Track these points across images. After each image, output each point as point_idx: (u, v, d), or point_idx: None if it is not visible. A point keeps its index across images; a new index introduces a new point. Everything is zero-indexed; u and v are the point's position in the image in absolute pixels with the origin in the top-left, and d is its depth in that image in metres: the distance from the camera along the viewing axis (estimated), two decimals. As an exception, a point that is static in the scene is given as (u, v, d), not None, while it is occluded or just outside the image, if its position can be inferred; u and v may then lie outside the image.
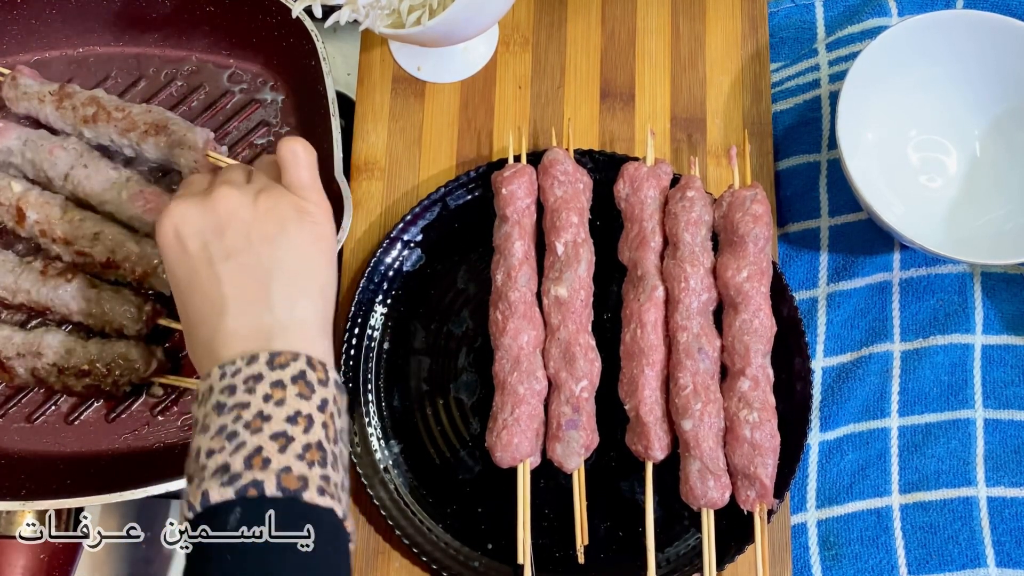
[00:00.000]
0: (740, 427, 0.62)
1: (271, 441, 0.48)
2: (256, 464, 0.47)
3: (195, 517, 0.47)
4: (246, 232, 0.54)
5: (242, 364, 0.50)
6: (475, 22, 0.66)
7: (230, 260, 0.53)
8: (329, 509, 0.48)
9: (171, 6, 0.76)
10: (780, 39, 0.78)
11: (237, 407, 0.49)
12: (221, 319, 0.52)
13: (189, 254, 0.54)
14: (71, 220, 0.69)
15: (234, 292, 0.53)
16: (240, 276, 0.53)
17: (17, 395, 0.71)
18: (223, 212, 0.54)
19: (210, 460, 0.48)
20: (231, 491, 0.46)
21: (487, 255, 0.68)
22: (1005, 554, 0.65)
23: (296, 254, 0.54)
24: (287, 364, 0.50)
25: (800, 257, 0.72)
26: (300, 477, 0.47)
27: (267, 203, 0.55)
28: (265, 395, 0.49)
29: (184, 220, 0.55)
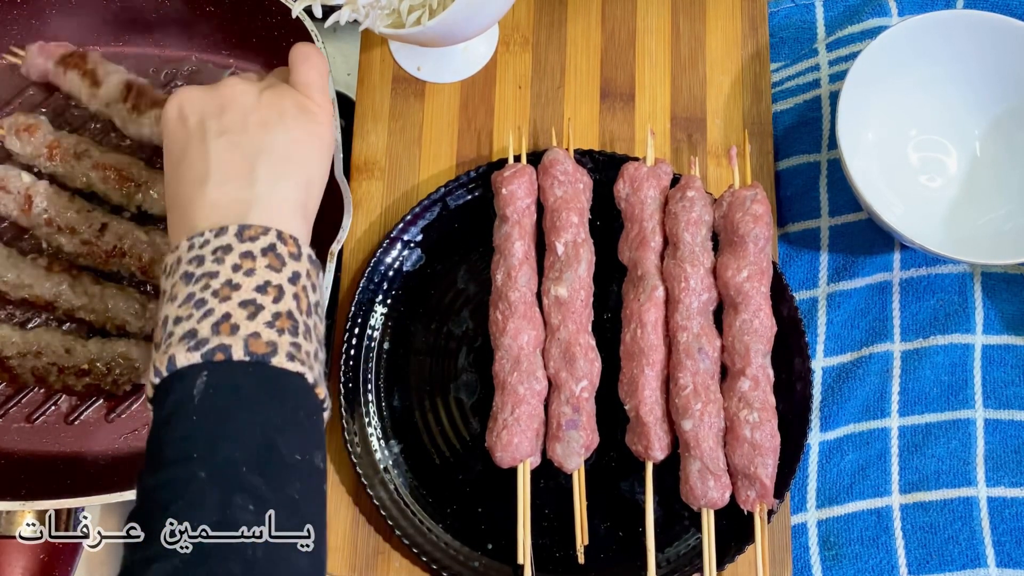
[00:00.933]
0: (740, 427, 0.62)
1: (240, 308, 0.48)
2: (224, 330, 0.47)
3: (161, 382, 0.47)
4: (244, 115, 0.55)
5: (211, 235, 0.50)
6: (475, 22, 0.66)
7: (222, 136, 0.54)
8: (299, 374, 0.48)
9: (171, 6, 0.76)
10: (780, 39, 0.78)
11: (205, 276, 0.49)
12: (201, 189, 0.53)
13: (187, 129, 0.55)
14: (79, 210, 0.70)
15: (219, 165, 0.53)
16: (228, 151, 0.53)
17: (17, 395, 0.71)
18: (227, 95, 0.56)
19: (177, 327, 0.48)
20: (198, 355, 0.47)
21: (487, 255, 0.68)
22: (1005, 554, 0.65)
23: (288, 142, 0.55)
24: (257, 237, 0.50)
25: (800, 257, 0.72)
26: (269, 343, 0.47)
27: (271, 96, 0.56)
28: (234, 265, 0.49)
29: (189, 99, 0.56)
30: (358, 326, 0.69)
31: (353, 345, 0.69)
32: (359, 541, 0.68)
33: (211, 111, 0.55)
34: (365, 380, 0.69)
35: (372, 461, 0.67)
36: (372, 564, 0.67)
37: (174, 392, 0.47)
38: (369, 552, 0.67)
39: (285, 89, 0.57)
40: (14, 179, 0.71)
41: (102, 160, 0.71)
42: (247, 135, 0.54)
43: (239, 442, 0.45)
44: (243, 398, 0.47)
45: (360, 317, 0.69)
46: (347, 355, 0.68)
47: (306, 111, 0.57)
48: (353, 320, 0.69)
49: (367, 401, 0.68)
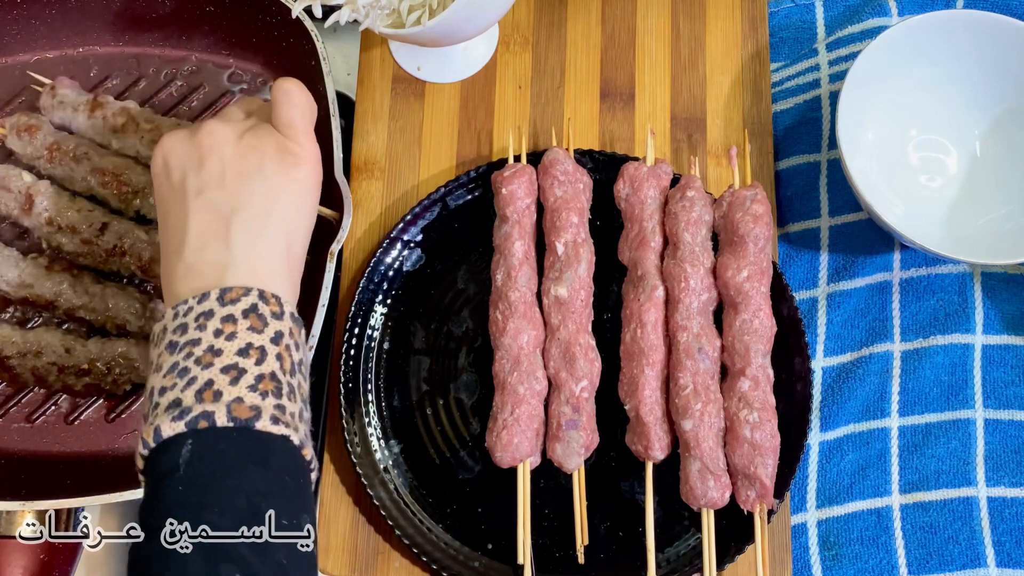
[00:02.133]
0: (740, 427, 0.62)
1: (222, 374, 0.48)
2: (207, 397, 0.47)
3: (149, 453, 0.47)
4: (222, 167, 0.54)
5: (193, 302, 0.50)
6: (475, 22, 0.66)
7: (201, 195, 0.53)
8: (284, 436, 0.48)
9: (171, 6, 0.76)
10: (780, 39, 0.78)
11: (188, 344, 0.49)
12: (180, 255, 0.52)
13: (170, 185, 0.55)
14: (80, 209, 0.70)
15: (197, 228, 0.53)
16: (205, 212, 0.53)
17: (17, 395, 0.71)
18: (206, 146, 0.55)
19: (162, 398, 0.48)
20: (182, 424, 0.46)
21: (487, 255, 0.68)
22: (1005, 554, 0.65)
23: (267, 193, 0.54)
24: (238, 299, 0.50)
25: (800, 257, 0.72)
26: (252, 407, 0.47)
27: (251, 141, 0.55)
28: (216, 330, 0.49)
29: (172, 150, 0.56)
30: (358, 326, 0.69)
31: (353, 345, 0.69)
32: (359, 541, 0.68)
33: (191, 164, 0.54)
34: (365, 380, 0.69)
35: (372, 461, 0.67)
36: (372, 564, 0.67)
37: (161, 463, 0.47)
38: (369, 552, 0.67)
39: (265, 132, 0.56)
40: (15, 178, 0.71)
41: (101, 164, 0.71)
42: (224, 190, 0.53)
43: (224, 510, 0.45)
44: (227, 464, 0.47)
45: (360, 317, 0.69)
46: (347, 355, 0.68)
47: (287, 154, 0.55)
48: (353, 320, 0.69)
49: (367, 401, 0.68)
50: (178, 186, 0.54)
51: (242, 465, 0.47)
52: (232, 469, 0.47)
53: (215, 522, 0.45)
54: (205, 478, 0.46)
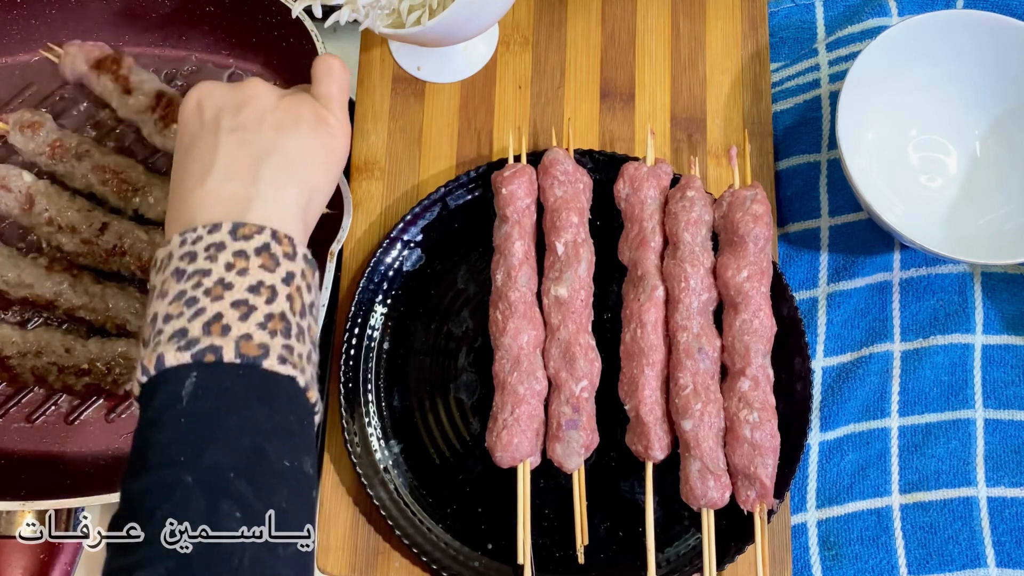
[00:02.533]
0: (740, 427, 0.62)
1: (232, 309, 0.47)
2: (215, 330, 0.46)
3: (148, 381, 0.46)
4: (260, 114, 0.54)
5: (203, 231, 0.49)
6: (475, 22, 0.66)
7: (234, 133, 0.53)
8: (290, 377, 0.48)
9: (171, 6, 0.76)
10: (780, 39, 0.78)
11: (198, 274, 0.48)
12: (202, 182, 0.52)
13: (201, 119, 0.55)
14: (80, 209, 0.70)
15: (225, 159, 0.52)
16: (237, 147, 0.53)
17: (17, 395, 0.71)
18: (247, 93, 0.55)
19: (167, 325, 0.47)
20: (187, 355, 0.46)
21: (487, 255, 0.68)
22: (1005, 554, 0.65)
23: (300, 148, 0.54)
24: (251, 236, 0.49)
25: (800, 257, 0.72)
26: (261, 345, 0.47)
27: (290, 101, 0.56)
28: (227, 263, 0.48)
29: (209, 93, 0.56)
30: (358, 326, 0.69)
31: (353, 345, 0.69)
32: (359, 541, 0.68)
33: (228, 106, 0.55)
34: (365, 380, 0.69)
35: (372, 461, 0.67)
36: (372, 564, 0.67)
37: (162, 393, 0.46)
38: (369, 552, 0.67)
39: (305, 98, 0.57)
40: (15, 178, 0.71)
41: (102, 162, 0.71)
42: (259, 135, 0.54)
43: (227, 447, 0.45)
44: (232, 401, 0.46)
45: (360, 317, 0.69)
46: (347, 355, 0.68)
47: (323, 122, 0.56)
48: (353, 320, 0.69)
49: (367, 401, 0.68)
50: (210, 120, 0.55)
51: (247, 403, 0.46)
52: (237, 406, 0.46)
53: (218, 460, 0.44)
54: (208, 413, 0.45)
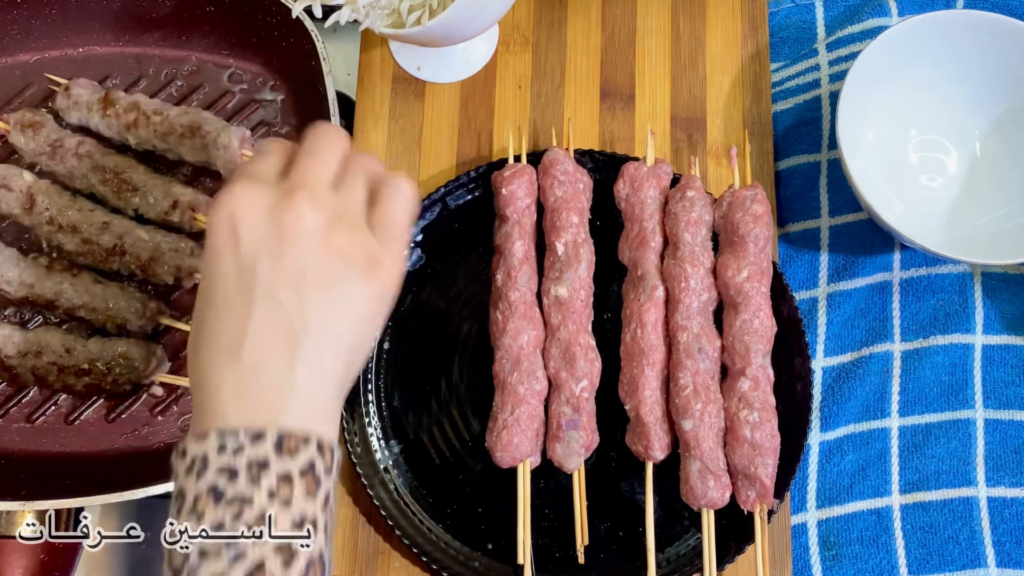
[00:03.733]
0: (740, 427, 0.62)
1: (274, 555, 0.43)
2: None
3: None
4: (302, 267, 0.45)
5: (246, 441, 0.43)
6: (475, 22, 0.66)
7: (272, 295, 0.45)
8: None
9: (171, 6, 0.76)
10: (780, 39, 0.78)
11: (238, 502, 0.43)
12: (232, 361, 0.45)
13: (237, 258, 0.45)
14: (81, 209, 0.70)
15: (259, 333, 0.45)
16: (273, 317, 0.45)
17: (17, 395, 0.71)
18: (290, 229, 0.45)
19: (204, 566, 0.42)
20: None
21: (487, 255, 0.68)
22: (1005, 554, 0.65)
23: (343, 315, 0.46)
24: (297, 451, 0.44)
25: (800, 257, 0.72)
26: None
27: (340, 241, 0.46)
28: (270, 491, 0.43)
29: (246, 218, 0.45)
30: (358, 326, 0.69)
31: (353, 345, 0.69)
32: (359, 541, 0.68)
33: (268, 247, 0.45)
34: (365, 380, 0.69)
35: (372, 461, 0.67)
36: (372, 564, 0.67)
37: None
38: (369, 552, 0.67)
39: (358, 233, 0.47)
40: (16, 178, 0.71)
41: (102, 162, 0.71)
42: (299, 297, 0.45)
43: None
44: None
45: (360, 317, 0.69)
46: (347, 355, 0.68)
47: (377, 268, 0.47)
48: (353, 320, 0.69)
49: (367, 401, 0.68)
50: (246, 267, 0.45)
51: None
52: None
53: None
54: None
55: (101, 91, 0.74)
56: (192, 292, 0.72)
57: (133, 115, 0.72)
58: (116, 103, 0.73)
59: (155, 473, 0.63)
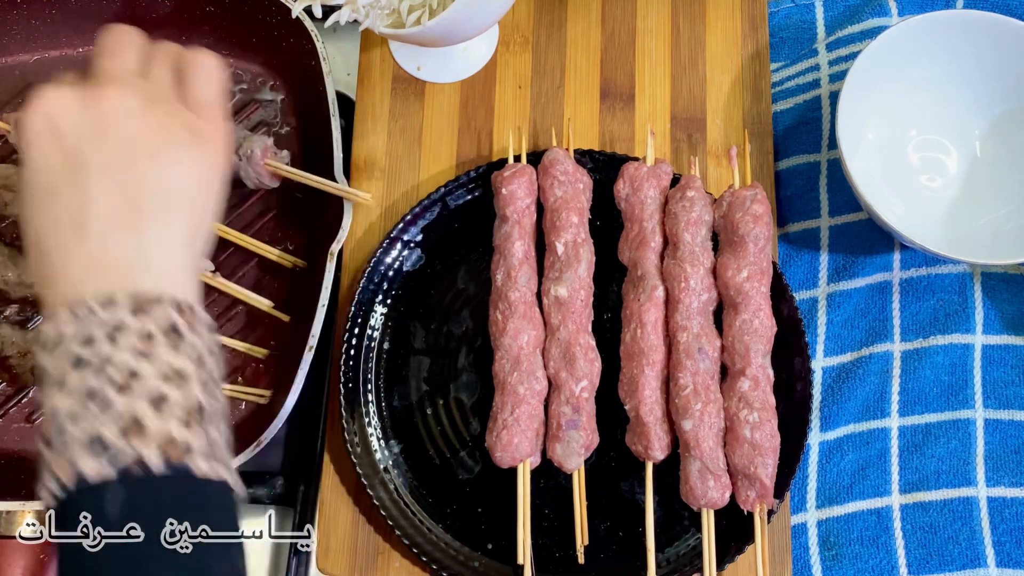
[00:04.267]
0: (740, 427, 0.62)
1: (147, 404, 0.42)
2: (134, 434, 0.41)
3: (68, 498, 0.41)
4: (129, 143, 0.47)
5: (97, 306, 0.43)
6: (475, 22, 0.66)
7: (104, 174, 0.46)
8: (221, 481, 0.43)
9: (171, 6, 0.76)
10: (780, 39, 0.78)
11: (99, 360, 0.43)
12: (80, 242, 0.45)
13: (63, 150, 0.46)
14: None
15: (100, 211, 0.45)
16: (111, 195, 0.46)
17: (17, 395, 0.71)
18: (108, 114, 0.47)
19: (76, 427, 0.42)
20: (111, 469, 0.41)
21: (487, 255, 0.68)
22: (1005, 554, 0.65)
23: (179, 178, 0.48)
24: (150, 309, 0.44)
25: (800, 257, 0.72)
26: (184, 446, 0.42)
27: (159, 116, 0.48)
28: (131, 348, 0.43)
29: (64, 113, 0.46)
30: (358, 326, 0.69)
31: (353, 345, 0.69)
32: (359, 541, 0.68)
33: (90, 133, 0.46)
34: (365, 380, 0.69)
35: (372, 461, 0.67)
36: (372, 564, 0.67)
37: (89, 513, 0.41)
38: (369, 552, 0.67)
39: (173, 107, 0.49)
40: (15, 177, 0.71)
41: None
42: (132, 171, 0.46)
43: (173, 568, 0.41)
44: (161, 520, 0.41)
45: (360, 317, 0.69)
46: (347, 355, 0.68)
47: (198, 136, 0.49)
48: (353, 320, 0.69)
49: (367, 401, 0.68)
50: (73, 156, 0.46)
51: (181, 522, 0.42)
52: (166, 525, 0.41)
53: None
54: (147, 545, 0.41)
55: None
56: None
57: None
58: None
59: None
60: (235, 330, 0.72)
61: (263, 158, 0.70)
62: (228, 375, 0.71)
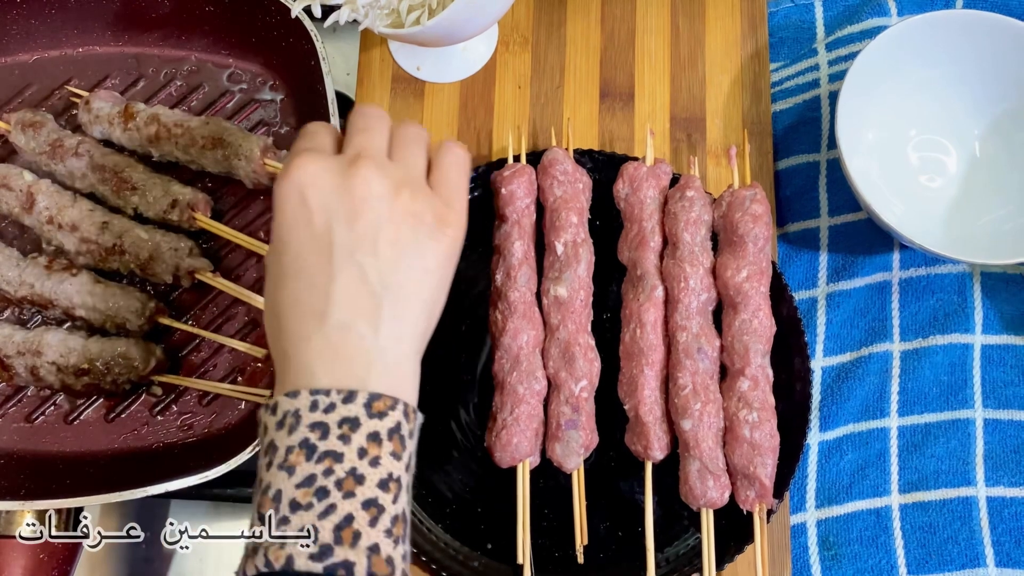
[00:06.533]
0: (740, 427, 0.62)
1: (362, 510, 0.43)
2: (346, 538, 0.42)
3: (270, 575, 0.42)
4: (377, 227, 0.47)
5: (338, 399, 0.45)
6: (474, 22, 0.66)
7: (351, 257, 0.47)
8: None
9: (171, 6, 0.76)
10: (780, 39, 0.78)
11: (329, 457, 0.44)
12: (319, 325, 0.46)
13: (312, 226, 0.47)
14: (81, 209, 0.70)
15: (343, 296, 0.46)
16: (355, 280, 0.47)
17: (17, 395, 0.71)
18: (360, 194, 0.47)
19: (295, 516, 0.43)
20: (320, 567, 0.42)
21: (487, 255, 0.68)
22: (1004, 554, 0.65)
23: (420, 273, 0.48)
24: (385, 413, 0.45)
25: (800, 257, 0.72)
26: (388, 560, 0.43)
27: (408, 203, 0.48)
28: (360, 449, 0.44)
29: (315, 185, 0.47)
30: (358, 326, 0.69)
31: (353, 345, 0.69)
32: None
33: (341, 213, 0.47)
34: (365, 380, 0.69)
35: (372, 461, 0.67)
36: (372, 564, 0.67)
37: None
38: (369, 552, 0.67)
39: (424, 194, 0.49)
40: (16, 177, 0.71)
41: (102, 161, 0.71)
42: (377, 259, 0.47)
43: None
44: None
45: (360, 317, 0.69)
46: (347, 355, 0.68)
47: (445, 226, 0.49)
48: (353, 320, 0.69)
49: (367, 401, 0.68)
50: (322, 234, 0.47)
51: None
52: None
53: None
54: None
55: (121, 103, 0.74)
56: (191, 292, 0.72)
57: (154, 128, 0.72)
58: (136, 116, 0.73)
59: (155, 473, 0.63)
60: (235, 330, 0.72)
61: (263, 158, 0.70)
62: (228, 375, 0.71)
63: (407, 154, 0.51)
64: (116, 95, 0.76)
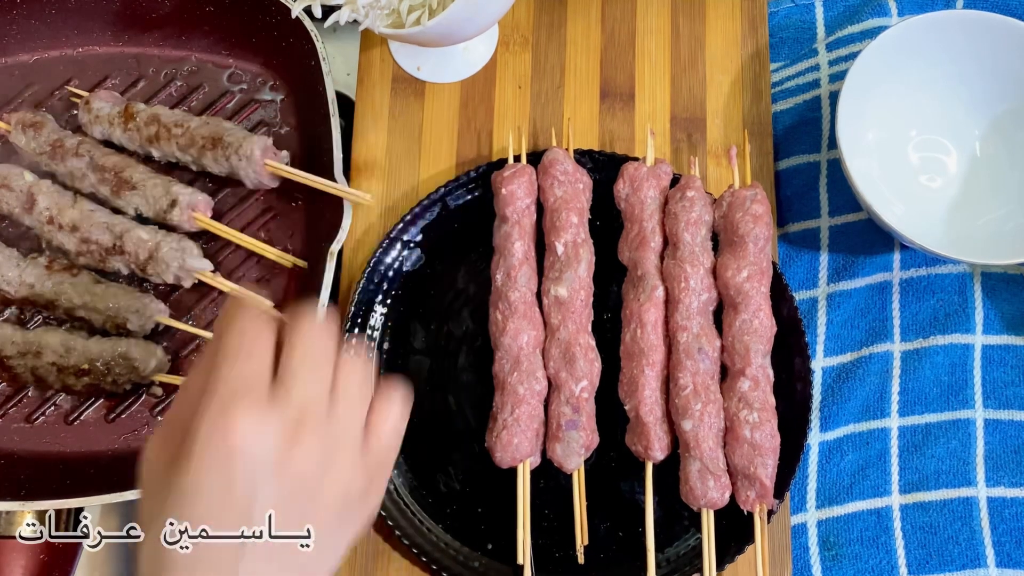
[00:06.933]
0: (740, 427, 0.62)
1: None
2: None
3: None
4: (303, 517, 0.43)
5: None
6: (475, 22, 0.66)
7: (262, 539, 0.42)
8: None
9: (171, 6, 0.76)
10: (780, 39, 0.78)
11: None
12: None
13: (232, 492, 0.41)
14: (81, 210, 0.70)
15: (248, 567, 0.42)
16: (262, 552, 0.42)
17: (17, 395, 0.71)
18: (297, 473, 0.42)
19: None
20: None
21: (487, 255, 0.68)
22: (1005, 554, 0.65)
23: (331, 560, 0.45)
24: None
25: (800, 257, 0.72)
26: None
27: (341, 471, 0.44)
28: None
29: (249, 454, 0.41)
30: (358, 326, 0.69)
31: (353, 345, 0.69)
32: (359, 541, 0.68)
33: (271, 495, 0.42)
34: (365, 380, 0.69)
35: (372, 461, 0.67)
36: (372, 564, 0.67)
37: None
38: (369, 552, 0.67)
39: (355, 464, 0.45)
40: (16, 178, 0.71)
41: (101, 161, 0.71)
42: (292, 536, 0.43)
43: None
44: None
45: (360, 317, 0.69)
46: (347, 355, 0.68)
47: (367, 497, 0.46)
48: (353, 320, 0.69)
49: (367, 401, 0.68)
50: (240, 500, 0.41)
51: None
52: None
53: None
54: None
55: (122, 103, 0.74)
56: (191, 291, 0.72)
57: (154, 128, 0.72)
58: (136, 116, 0.73)
59: (155, 473, 0.63)
60: (235, 330, 0.72)
61: (263, 158, 0.70)
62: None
63: (349, 412, 0.45)
64: (116, 95, 0.76)
